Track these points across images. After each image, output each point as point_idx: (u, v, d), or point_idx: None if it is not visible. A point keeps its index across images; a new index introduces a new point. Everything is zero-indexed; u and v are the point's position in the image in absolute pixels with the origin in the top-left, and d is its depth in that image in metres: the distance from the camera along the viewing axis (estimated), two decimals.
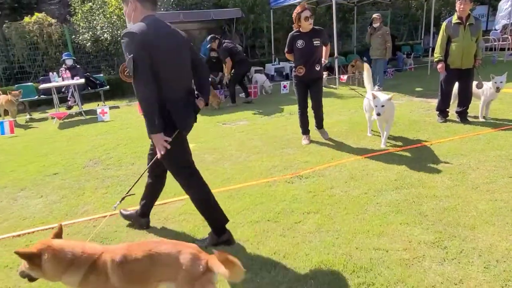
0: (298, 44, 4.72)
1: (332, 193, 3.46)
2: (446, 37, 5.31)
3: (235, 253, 2.57)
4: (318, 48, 4.75)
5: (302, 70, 4.75)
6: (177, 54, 2.49)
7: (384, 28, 8.69)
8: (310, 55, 4.71)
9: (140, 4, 2.44)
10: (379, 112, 4.38)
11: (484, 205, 3.04)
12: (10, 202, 3.81)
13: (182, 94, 2.55)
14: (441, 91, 5.58)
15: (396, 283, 2.20)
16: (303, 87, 4.93)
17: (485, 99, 5.50)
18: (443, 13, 17.10)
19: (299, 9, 4.65)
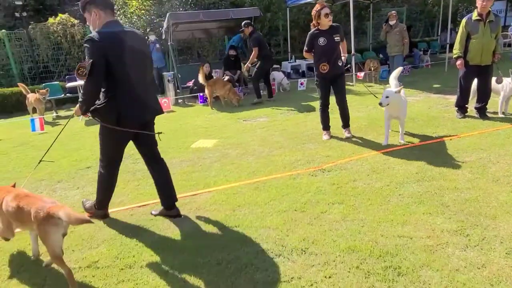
0: (320, 41, 4.81)
1: (355, 185, 3.60)
2: (466, 34, 5.36)
3: (266, 239, 2.75)
4: (338, 44, 4.88)
5: (326, 67, 4.85)
6: (132, 55, 2.81)
7: (400, 25, 8.74)
8: (332, 51, 4.84)
9: (103, 12, 2.81)
10: (381, 102, 4.43)
11: (505, 196, 3.14)
12: (50, 193, 4.06)
13: (135, 90, 2.89)
14: (460, 87, 5.64)
15: (422, 267, 2.33)
16: (327, 84, 5.02)
17: (505, 94, 5.53)
18: (460, 9, 16.95)
19: (319, 6, 4.76)
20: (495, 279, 2.18)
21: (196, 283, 2.36)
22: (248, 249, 2.67)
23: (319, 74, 5.00)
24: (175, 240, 2.88)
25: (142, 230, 3.08)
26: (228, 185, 3.84)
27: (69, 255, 2.79)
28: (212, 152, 5.02)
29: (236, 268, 2.47)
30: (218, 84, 8.26)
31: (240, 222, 3.07)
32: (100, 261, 2.67)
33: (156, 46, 10.34)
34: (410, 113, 6.12)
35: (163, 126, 6.87)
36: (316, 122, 6.11)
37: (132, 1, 11.57)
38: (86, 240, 2.98)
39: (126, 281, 2.43)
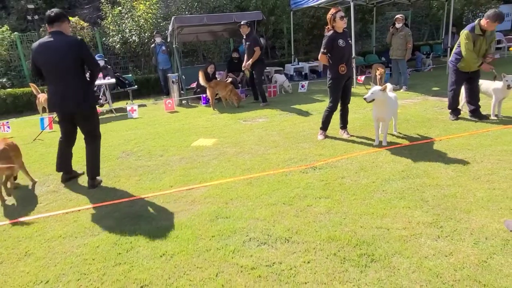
0: (339, 43, 4.91)
1: (342, 182, 3.80)
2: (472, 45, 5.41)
3: (253, 229, 2.97)
4: (351, 47, 5.07)
5: (344, 68, 4.99)
6: (49, 59, 3.76)
7: (406, 29, 8.86)
8: (349, 53, 5.05)
9: (48, 26, 3.86)
10: (365, 97, 4.59)
11: (482, 193, 3.31)
12: (57, 187, 4.32)
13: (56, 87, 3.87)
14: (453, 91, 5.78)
15: (394, 254, 2.53)
16: (341, 86, 5.12)
17: (497, 97, 5.68)
18: (466, 13, 16.99)
19: (333, 10, 4.91)
20: (459, 265, 2.36)
21: (185, 266, 2.57)
22: (236, 238, 2.89)
23: (337, 75, 5.03)
24: (170, 229, 3.10)
25: (140, 220, 3.31)
26: (223, 180, 4.07)
27: (72, 241, 3.03)
28: (211, 150, 5.25)
29: (224, 254, 2.68)
30: (220, 86, 8.49)
31: (231, 213, 3.29)
32: (100, 247, 2.90)
33: (162, 48, 10.63)
34: (405, 115, 6.30)
35: (167, 125, 7.14)
36: (313, 123, 6.33)
37: (140, 5, 11.89)
38: (88, 228, 3.22)
39: (123, 263, 2.66)
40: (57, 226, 3.31)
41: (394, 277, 2.31)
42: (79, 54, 3.81)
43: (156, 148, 5.57)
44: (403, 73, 8.93)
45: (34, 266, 2.70)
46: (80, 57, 3.83)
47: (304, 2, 11.23)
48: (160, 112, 8.67)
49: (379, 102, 4.64)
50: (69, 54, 3.76)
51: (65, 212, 3.59)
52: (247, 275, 2.44)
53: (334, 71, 5.05)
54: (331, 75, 5.11)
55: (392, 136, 5.24)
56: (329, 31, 5.00)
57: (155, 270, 2.55)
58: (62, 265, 2.69)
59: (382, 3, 13.46)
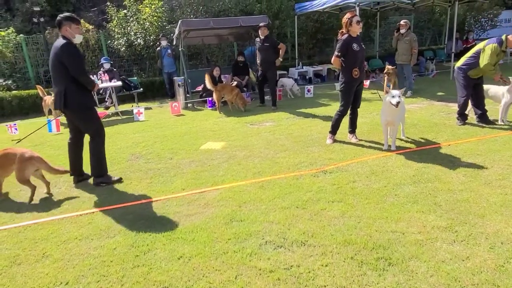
0: (354, 47, 4.94)
1: (354, 186, 3.82)
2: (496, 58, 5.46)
3: (269, 232, 2.99)
4: (364, 51, 5.13)
5: (357, 72, 5.01)
6: (50, 62, 4.13)
7: (411, 34, 8.90)
8: (363, 57, 5.09)
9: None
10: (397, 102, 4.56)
11: (494, 198, 3.34)
12: (69, 189, 4.35)
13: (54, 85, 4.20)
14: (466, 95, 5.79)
15: (411, 258, 2.55)
16: (353, 90, 5.15)
17: (506, 101, 5.71)
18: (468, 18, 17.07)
19: (350, 14, 4.96)
20: (477, 269, 2.39)
21: (204, 269, 2.59)
22: (252, 241, 2.91)
23: (350, 79, 5.06)
24: (185, 231, 3.13)
25: (155, 223, 3.33)
26: (235, 184, 4.09)
27: (88, 243, 3.05)
28: (220, 153, 5.27)
29: (241, 257, 2.70)
30: (226, 89, 8.53)
31: (246, 216, 3.31)
32: (117, 249, 2.92)
33: (168, 52, 10.68)
34: (412, 119, 6.34)
35: (174, 128, 7.16)
36: (320, 127, 6.36)
37: (145, 8, 11.95)
38: (104, 230, 3.25)
39: (141, 266, 2.68)
40: (72, 228, 3.33)
41: (412, 281, 2.33)
42: (61, 59, 3.96)
43: (165, 151, 5.59)
44: (408, 78, 8.97)
45: (53, 268, 2.72)
46: (61, 62, 3.96)
47: (309, 7, 11.30)
48: (166, 115, 8.70)
49: (392, 107, 4.66)
50: (54, 58, 4.01)
51: (79, 214, 3.61)
52: (266, 278, 2.46)
53: (348, 75, 5.06)
54: (344, 79, 5.12)
55: (401, 140, 5.27)
56: (343, 35, 5.02)
57: (174, 273, 2.57)
58: (80, 266, 2.71)
59: (385, 8, 13.55)
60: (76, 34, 4.11)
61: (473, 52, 5.68)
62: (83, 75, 4.10)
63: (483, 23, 17.22)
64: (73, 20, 4.11)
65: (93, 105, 4.41)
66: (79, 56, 4.07)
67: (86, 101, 4.25)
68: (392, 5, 12.90)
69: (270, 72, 8.28)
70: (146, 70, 12.93)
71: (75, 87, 4.10)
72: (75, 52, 4.03)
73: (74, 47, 4.04)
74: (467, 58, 5.73)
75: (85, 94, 4.20)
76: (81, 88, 4.15)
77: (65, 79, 4.05)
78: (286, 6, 13.19)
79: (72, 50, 4.01)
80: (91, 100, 4.38)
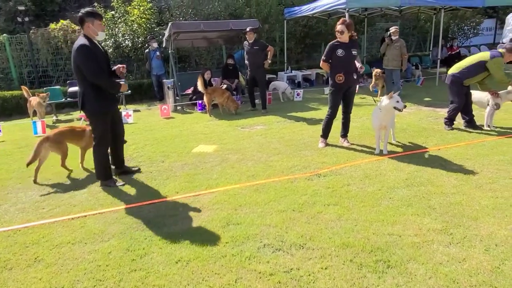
0: (338, 53, 5.01)
1: (349, 189, 3.85)
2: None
3: (266, 235, 2.98)
4: (355, 58, 5.16)
5: (342, 78, 5.06)
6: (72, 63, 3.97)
7: (401, 40, 9.08)
8: (349, 63, 5.09)
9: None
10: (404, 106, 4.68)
11: (486, 201, 3.41)
12: (58, 192, 4.24)
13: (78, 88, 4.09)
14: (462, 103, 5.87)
15: (409, 261, 2.58)
16: (340, 94, 5.22)
17: (490, 108, 5.86)
18: (452, 26, 17.50)
19: (339, 21, 5.04)
20: (473, 271, 2.43)
21: (203, 272, 2.56)
22: (250, 244, 2.89)
23: (334, 84, 5.17)
24: (182, 235, 3.08)
25: (150, 226, 3.28)
26: (229, 187, 4.07)
27: (82, 247, 2.98)
28: (212, 157, 5.24)
29: (240, 260, 2.68)
30: (217, 92, 8.50)
31: (242, 220, 3.29)
32: (112, 253, 2.86)
33: (157, 54, 10.59)
34: (401, 124, 6.43)
35: (164, 131, 7.09)
36: (312, 131, 6.40)
37: (134, 10, 11.84)
38: (98, 234, 3.17)
39: (138, 270, 2.63)
40: (64, 231, 3.25)
41: (412, 283, 2.36)
42: (77, 62, 3.86)
43: (157, 154, 5.53)
44: (396, 83, 9.12)
45: (46, 273, 2.65)
46: (78, 65, 3.86)
47: (298, 12, 11.39)
48: (155, 118, 8.61)
49: (386, 111, 4.73)
50: (72, 60, 3.91)
51: (70, 217, 3.53)
52: (267, 281, 2.44)
53: (332, 79, 5.18)
54: (330, 83, 5.27)
55: (391, 145, 5.35)
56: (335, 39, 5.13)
57: (172, 277, 2.53)
58: (75, 271, 2.64)
59: (372, 14, 13.78)
60: (99, 31, 3.94)
61: (470, 63, 5.70)
62: (99, 79, 3.92)
63: (466, 31, 17.70)
64: (96, 15, 3.93)
65: (105, 110, 4.11)
66: (93, 60, 3.84)
67: (98, 106, 4.04)
68: (379, 12, 13.15)
69: (259, 75, 8.29)
70: (133, 72, 12.78)
71: (91, 90, 3.96)
72: (89, 56, 3.82)
73: (89, 49, 3.81)
74: (466, 67, 5.71)
75: (100, 99, 4.00)
76: (99, 92, 3.99)
77: (84, 81, 3.94)
78: (275, 11, 13.28)
79: (87, 52, 3.81)
80: (105, 105, 4.09)
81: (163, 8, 13.03)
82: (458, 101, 5.84)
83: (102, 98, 4.03)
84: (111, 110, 4.24)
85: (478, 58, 5.69)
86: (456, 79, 5.78)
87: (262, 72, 8.32)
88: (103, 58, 4.04)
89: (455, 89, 5.84)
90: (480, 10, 17.19)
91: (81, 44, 3.82)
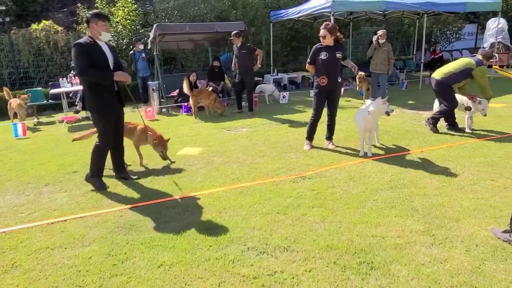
0: (321, 55, 5.06)
1: (333, 191, 3.86)
2: None
3: (251, 238, 2.96)
4: (339, 61, 5.20)
5: (325, 81, 5.10)
6: None
7: (388, 45, 9.20)
8: (332, 66, 5.13)
9: None
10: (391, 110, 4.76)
11: (467, 202, 3.46)
12: (37, 196, 4.13)
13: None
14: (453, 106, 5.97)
15: (392, 262, 2.59)
16: (323, 97, 5.26)
17: (470, 112, 5.99)
18: (435, 30, 17.85)
19: (322, 25, 5.10)
20: (455, 272, 2.46)
21: (186, 276, 2.53)
22: (234, 247, 2.87)
23: (318, 86, 5.22)
24: (165, 239, 3.04)
25: (132, 230, 3.22)
26: (214, 190, 4.03)
27: (61, 252, 2.90)
28: (197, 159, 5.20)
29: (224, 264, 2.65)
30: (203, 94, 8.46)
31: (226, 223, 3.26)
32: (93, 258, 2.80)
33: (142, 56, 10.48)
34: (385, 127, 6.51)
35: None
36: (297, 133, 6.41)
37: (118, 11, 11.71)
38: (78, 239, 3.10)
39: (119, 275, 2.57)
40: (43, 236, 3.17)
41: (394, 284, 2.37)
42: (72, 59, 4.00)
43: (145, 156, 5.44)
44: (382, 87, 9.23)
45: (24, 279, 2.57)
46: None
47: (284, 15, 11.44)
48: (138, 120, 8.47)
49: (375, 115, 4.78)
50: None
51: (50, 222, 3.44)
52: (250, 284, 2.42)
53: (316, 82, 5.24)
54: (314, 85, 5.33)
55: (375, 147, 5.39)
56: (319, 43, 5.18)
57: (154, 281, 2.48)
58: (54, 277, 2.57)
59: (358, 18, 13.94)
60: (103, 32, 3.93)
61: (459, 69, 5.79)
62: (85, 75, 3.88)
63: (448, 35, 18.07)
64: (100, 16, 3.94)
65: (102, 108, 4.05)
66: (82, 57, 3.81)
67: (96, 103, 4.01)
68: (364, 16, 13.31)
69: (247, 78, 8.29)
70: None
71: (88, 88, 4.02)
72: (80, 53, 3.83)
73: (82, 46, 3.83)
74: (455, 73, 5.80)
75: (97, 96, 3.98)
76: (96, 90, 3.97)
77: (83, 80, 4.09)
78: (262, 13, 13.30)
79: (77, 50, 3.84)
80: (102, 103, 4.02)
81: (148, 9, 12.91)
82: (450, 104, 5.92)
83: (99, 96, 4.00)
84: (111, 110, 4.12)
85: (465, 65, 5.79)
86: (446, 83, 5.87)
87: (250, 75, 8.33)
88: (101, 57, 3.95)
89: (447, 93, 5.92)
90: (462, 16, 17.57)
91: (75, 43, 3.94)
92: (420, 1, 9.87)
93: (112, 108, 4.13)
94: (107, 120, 4.12)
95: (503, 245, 2.72)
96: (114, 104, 4.16)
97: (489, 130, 6.01)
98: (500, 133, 5.81)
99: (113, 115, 4.16)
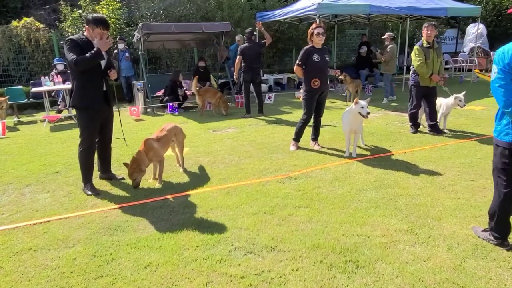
0: (314, 58, 5.07)
1: (319, 191, 3.90)
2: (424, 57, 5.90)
3: (238, 238, 2.97)
4: (328, 63, 5.26)
5: (318, 83, 5.12)
6: None
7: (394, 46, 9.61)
8: (324, 69, 5.18)
9: None
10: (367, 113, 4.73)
11: (449, 202, 3.55)
12: (19, 196, 4.04)
13: None
14: (417, 105, 6.17)
15: (377, 261, 2.64)
16: (314, 99, 5.28)
17: (443, 112, 6.18)
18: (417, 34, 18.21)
19: (314, 25, 5.12)
20: (437, 269, 2.52)
21: (173, 277, 2.51)
22: (221, 247, 2.87)
23: (309, 89, 5.21)
24: (151, 239, 3.01)
25: (117, 231, 3.18)
26: (200, 190, 4.02)
27: (44, 253, 2.85)
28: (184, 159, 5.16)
29: (211, 264, 2.65)
30: (210, 93, 8.57)
31: (213, 223, 3.26)
32: (77, 259, 2.75)
33: (126, 55, 10.35)
34: (370, 128, 6.60)
35: (134, 133, 6.94)
36: (283, 134, 6.45)
37: (102, 9, 11.54)
38: (62, 240, 3.05)
39: (105, 276, 2.54)
40: (25, 238, 3.10)
41: (380, 282, 2.41)
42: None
43: (125, 156, 5.38)
44: (386, 85, 9.56)
45: (5, 281, 2.51)
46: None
47: (271, 16, 11.49)
48: (124, 120, 8.36)
49: (358, 116, 4.82)
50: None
51: (32, 223, 3.37)
52: (238, 284, 2.43)
53: (307, 84, 5.22)
54: (305, 88, 5.28)
55: (360, 148, 5.47)
56: (308, 45, 5.17)
57: (141, 282, 2.46)
58: (37, 279, 2.52)
59: (342, 21, 14.11)
60: (96, 39, 3.79)
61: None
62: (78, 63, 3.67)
63: None
64: (97, 24, 3.81)
65: (86, 106, 3.97)
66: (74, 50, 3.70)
67: (80, 101, 3.95)
68: (349, 19, 13.48)
69: (256, 77, 8.23)
70: None
71: (75, 86, 3.95)
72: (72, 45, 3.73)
73: (74, 41, 3.75)
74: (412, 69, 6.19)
75: (82, 95, 3.92)
76: (81, 89, 3.92)
77: (72, 78, 3.99)
78: (247, 15, 13.31)
79: (70, 43, 3.75)
80: (86, 102, 3.94)
81: (133, 8, 12.76)
82: (414, 103, 6.16)
83: (84, 94, 3.93)
84: (96, 109, 4.02)
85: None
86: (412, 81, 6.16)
87: (258, 75, 8.29)
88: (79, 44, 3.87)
89: (412, 91, 6.19)
90: (443, 20, 17.97)
91: (68, 38, 3.86)
92: (403, 5, 10.08)
93: (98, 106, 4.04)
94: (90, 121, 4.04)
95: (483, 243, 2.81)
96: (101, 103, 4.07)
97: (469, 132, 6.17)
98: (479, 135, 5.98)
99: (98, 113, 4.07)
